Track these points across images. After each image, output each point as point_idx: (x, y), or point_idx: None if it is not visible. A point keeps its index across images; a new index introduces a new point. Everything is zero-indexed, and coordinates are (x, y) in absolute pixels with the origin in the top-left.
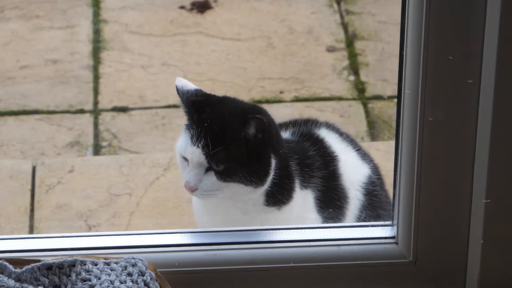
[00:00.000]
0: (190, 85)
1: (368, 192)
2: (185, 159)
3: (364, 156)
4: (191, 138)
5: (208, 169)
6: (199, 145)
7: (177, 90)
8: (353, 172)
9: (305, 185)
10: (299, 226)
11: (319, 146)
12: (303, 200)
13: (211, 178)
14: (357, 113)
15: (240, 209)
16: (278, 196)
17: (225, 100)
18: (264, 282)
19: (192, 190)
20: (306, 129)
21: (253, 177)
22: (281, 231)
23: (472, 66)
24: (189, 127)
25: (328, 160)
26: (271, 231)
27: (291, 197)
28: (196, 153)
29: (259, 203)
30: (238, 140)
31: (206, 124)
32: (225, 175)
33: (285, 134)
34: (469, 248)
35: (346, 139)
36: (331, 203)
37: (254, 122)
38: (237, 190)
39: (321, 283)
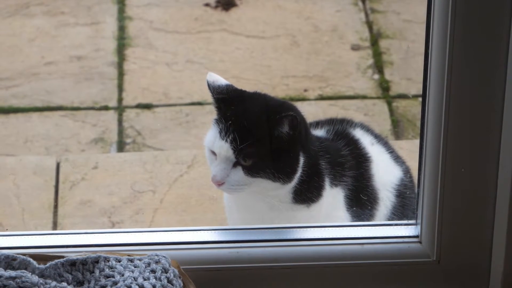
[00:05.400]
0: (221, 80)
1: (400, 193)
2: (214, 153)
3: (397, 158)
4: (220, 132)
5: (235, 164)
6: (228, 139)
7: (208, 85)
8: (385, 173)
9: (335, 183)
10: (322, 224)
11: (353, 146)
12: (333, 198)
13: (239, 172)
14: (381, 112)
15: (268, 205)
16: (307, 194)
17: (255, 95)
18: (287, 280)
19: (219, 184)
20: (341, 128)
21: (281, 174)
22: (305, 229)
23: (498, 65)
24: (218, 121)
25: (361, 160)
26: (294, 229)
27: (320, 195)
28: (224, 148)
29: (287, 200)
30: (267, 137)
31: (235, 119)
32: (252, 171)
33: (320, 132)
34: (493, 248)
35: (380, 140)
36: (361, 203)
37: (287, 120)
38: (264, 186)
39: (344, 282)
